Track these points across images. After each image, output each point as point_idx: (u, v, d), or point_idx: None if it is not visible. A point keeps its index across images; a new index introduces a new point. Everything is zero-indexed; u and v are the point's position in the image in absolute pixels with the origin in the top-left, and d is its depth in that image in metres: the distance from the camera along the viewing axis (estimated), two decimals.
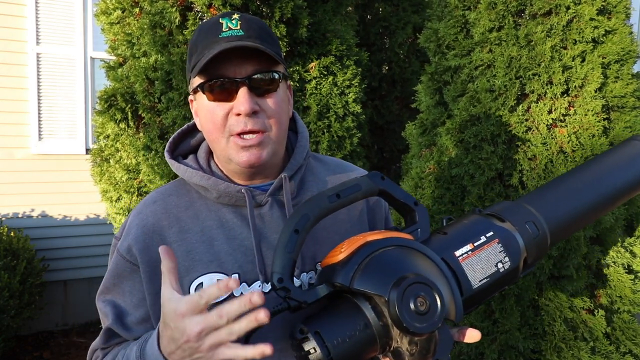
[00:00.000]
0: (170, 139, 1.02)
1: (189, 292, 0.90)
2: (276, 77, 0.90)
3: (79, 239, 4.22)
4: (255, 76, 0.87)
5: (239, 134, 0.88)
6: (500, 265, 0.81)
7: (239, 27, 0.88)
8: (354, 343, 0.71)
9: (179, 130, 1.04)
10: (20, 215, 4.07)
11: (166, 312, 0.73)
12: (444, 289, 0.72)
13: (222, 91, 0.87)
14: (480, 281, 0.78)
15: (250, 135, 0.88)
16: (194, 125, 1.04)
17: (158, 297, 0.88)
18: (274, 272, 0.74)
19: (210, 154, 1.02)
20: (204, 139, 1.04)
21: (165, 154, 1.00)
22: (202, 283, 0.90)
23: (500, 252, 0.81)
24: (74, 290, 4.28)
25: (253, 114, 0.87)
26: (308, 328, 0.72)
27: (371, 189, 0.82)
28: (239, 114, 0.87)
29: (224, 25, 0.88)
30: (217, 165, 0.99)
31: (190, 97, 0.97)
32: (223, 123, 0.88)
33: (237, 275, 0.90)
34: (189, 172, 0.95)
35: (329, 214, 0.80)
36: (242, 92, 0.86)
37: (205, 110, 0.91)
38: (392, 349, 0.73)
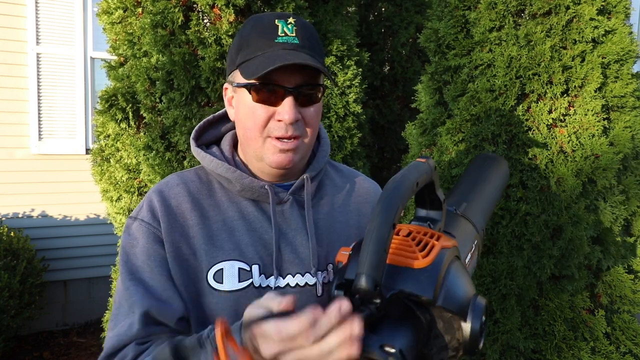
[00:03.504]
0: (197, 127, 1.04)
1: (206, 276, 0.90)
2: (320, 89, 0.93)
3: (79, 239, 4.22)
4: (303, 88, 0.90)
5: (278, 138, 0.90)
6: (473, 271, 0.84)
7: (294, 34, 0.90)
8: (415, 355, 0.66)
9: (205, 120, 1.06)
10: (20, 215, 4.06)
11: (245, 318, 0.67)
12: None
13: (269, 95, 0.89)
14: None
15: (288, 140, 0.91)
16: (220, 116, 1.06)
17: (184, 278, 0.89)
18: (366, 274, 0.60)
19: (234, 146, 1.04)
20: (228, 131, 1.07)
21: (191, 142, 1.02)
22: (222, 269, 0.91)
23: (476, 259, 0.84)
24: (74, 290, 4.28)
25: (294, 122, 0.90)
26: (393, 345, 0.62)
27: (430, 177, 0.75)
28: (280, 120, 0.89)
29: (280, 29, 0.89)
30: (240, 159, 1.01)
31: (226, 86, 0.99)
32: (264, 125, 0.90)
33: (257, 266, 0.92)
34: (215, 162, 0.97)
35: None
36: (288, 101, 0.88)
37: (247, 108, 0.92)
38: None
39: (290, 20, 0.91)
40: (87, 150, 4.23)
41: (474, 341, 0.65)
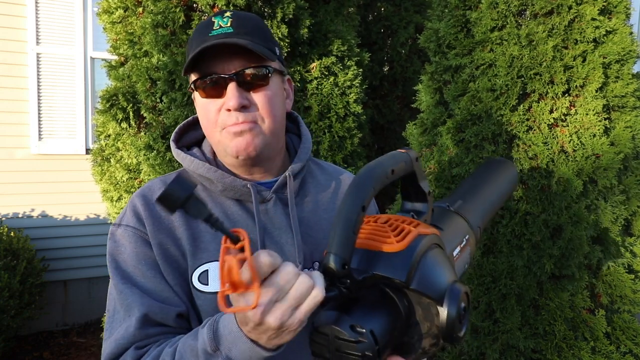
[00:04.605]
0: (176, 129, 1.04)
1: (192, 278, 0.90)
2: (266, 71, 0.91)
3: (79, 239, 4.22)
4: (244, 71, 0.89)
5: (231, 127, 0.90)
6: (466, 266, 0.83)
7: (229, 25, 0.89)
8: (390, 340, 0.67)
9: (184, 122, 1.05)
10: (20, 215, 4.06)
11: None
12: None
13: (213, 88, 0.90)
14: None
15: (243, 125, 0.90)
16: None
17: (177, 277, 0.88)
18: (334, 253, 0.61)
19: None
20: None
21: (171, 144, 1.01)
22: (207, 270, 0.90)
23: (468, 254, 0.83)
24: (74, 290, 4.28)
25: (243, 108, 0.89)
26: (363, 325, 0.63)
27: (410, 167, 0.74)
28: (229, 110, 0.89)
29: (215, 24, 0.90)
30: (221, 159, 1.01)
31: (193, 94, 1.00)
32: (216, 118, 0.90)
33: None
34: (196, 162, 0.96)
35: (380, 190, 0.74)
36: (231, 88, 0.88)
37: (200, 106, 0.93)
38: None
39: (227, 14, 0.91)
40: (87, 150, 4.23)
41: (451, 327, 0.64)
